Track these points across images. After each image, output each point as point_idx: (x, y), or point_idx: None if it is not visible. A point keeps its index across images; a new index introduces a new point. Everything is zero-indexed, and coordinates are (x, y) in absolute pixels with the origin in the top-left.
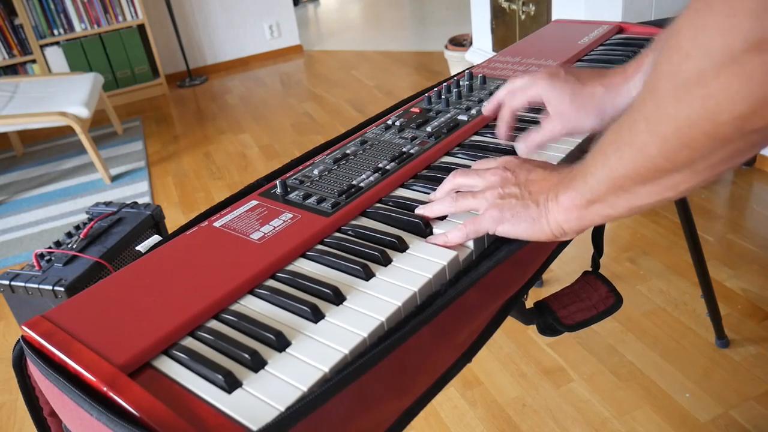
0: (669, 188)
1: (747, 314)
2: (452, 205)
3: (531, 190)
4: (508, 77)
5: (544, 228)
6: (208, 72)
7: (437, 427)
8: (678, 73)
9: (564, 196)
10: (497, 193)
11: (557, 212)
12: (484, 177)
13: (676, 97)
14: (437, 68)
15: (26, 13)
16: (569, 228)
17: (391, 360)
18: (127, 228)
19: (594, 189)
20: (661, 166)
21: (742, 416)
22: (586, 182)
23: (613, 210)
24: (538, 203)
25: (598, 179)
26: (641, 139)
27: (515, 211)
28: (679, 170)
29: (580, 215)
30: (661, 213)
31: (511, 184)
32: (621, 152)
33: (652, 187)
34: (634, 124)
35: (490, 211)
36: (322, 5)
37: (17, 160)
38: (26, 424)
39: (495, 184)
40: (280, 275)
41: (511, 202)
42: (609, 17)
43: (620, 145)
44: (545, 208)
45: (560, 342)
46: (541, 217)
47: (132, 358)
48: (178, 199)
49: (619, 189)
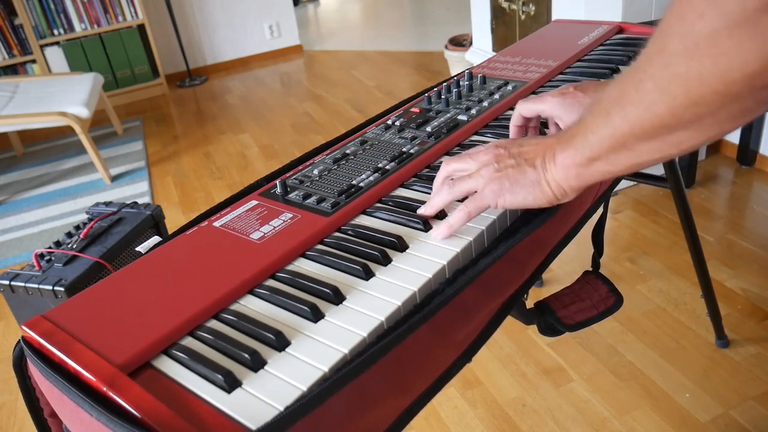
0: (673, 145)
1: (747, 314)
2: (450, 192)
3: (527, 157)
4: (508, 77)
5: (545, 189)
6: (208, 72)
7: (437, 427)
8: (690, 33)
9: (562, 155)
10: (493, 168)
11: (555, 171)
12: (477, 158)
13: (687, 56)
14: (437, 68)
15: (26, 13)
16: (569, 186)
17: (390, 359)
18: (127, 228)
19: (595, 146)
20: (668, 123)
21: (742, 416)
22: (586, 140)
23: (613, 167)
24: (535, 165)
25: (599, 137)
26: (649, 97)
27: (514, 179)
28: (685, 127)
29: (579, 173)
30: (661, 213)
31: (505, 157)
32: (626, 111)
33: (655, 143)
34: (640, 84)
35: (490, 186)
36: (322, 5)
37: (17, 160)
38: (26, 424)
39: (489, 161)
40: (279, 275)
41: (508, 172)
42: (609, 17)
43: (625, 104)
44: (543, 169)
45: (560, 342)
46: (540, 179)
47: (132, 358)
48: (178, 199)
49: (621, 146)
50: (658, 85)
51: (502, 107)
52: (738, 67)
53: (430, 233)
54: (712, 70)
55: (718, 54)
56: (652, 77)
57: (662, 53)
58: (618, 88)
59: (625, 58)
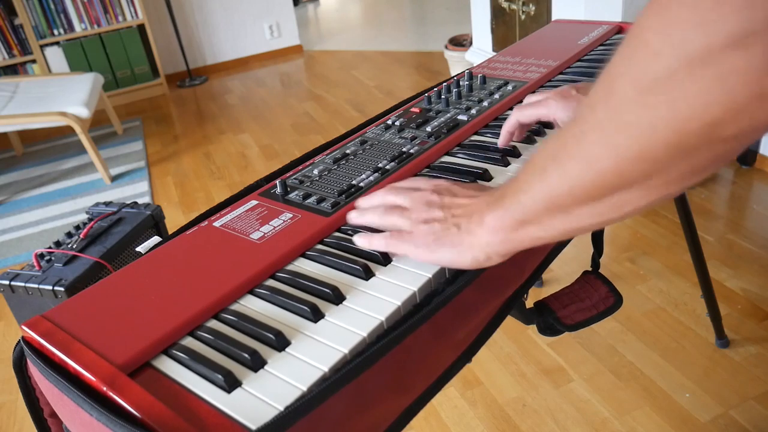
0: (614, 208)
1: (747, 314)
2: (381, 218)
3: (454, 213)
4: (508, 77)
5: (464, 254)
6: (208, 72)
7: (437, 427)
8: (643, 75)
9: (490, 216)
10: (422, 217)
11: (481, 235)
12: (411, 197)
13: (638, 102)
14: (437, 68)
15: (26, 13)
16: (492, 251)
17: (390, 359)
18: (127, 228)
19: (527, 208)
20: (611, 183)
21: (742, 416)
22: (518, 201)
23: (545, 233)
24: (459, 226)
25: (533, 197)
26: (591, 151)
27: (436, 236)
28: (629, 187)
29: (506, 237)
30: (661, 213)
31: (436, 207)
32: (564, 167)
33: (596, 207)
34: (582, 135)
35: (413, 235)
36: (322, 5)
37: (17, 160)
38: (26, 424)
39: (420, 206)
40: (279, 275)
41: (434, 227)
42: (609, 17)
43: (563, 160)
44: (467, 232)
45: (560, 342)
46: (461, 242)
47: (132, 358)
48: (178, 199)
49: (556, 209)
50: (602, 137)
51: (502, 107)
52: (698, 114)
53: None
54: (667, 118)
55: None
56: (595, 128)
57: (609, 99)
58: (556, 141)
59: None
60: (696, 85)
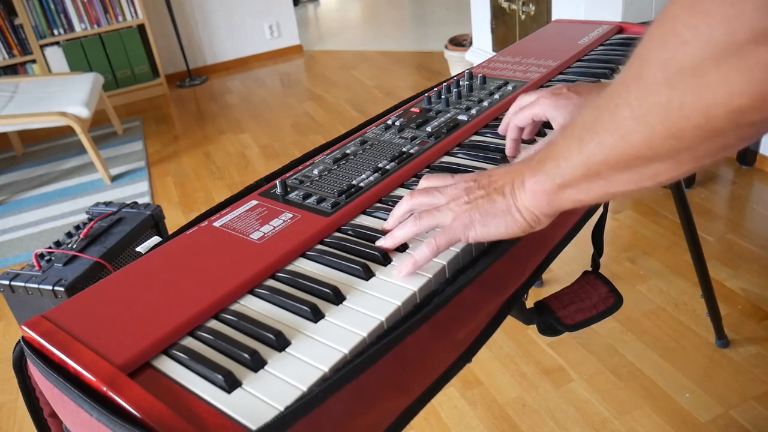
0: (648, 177)
1: (747, 314)
2: (416, 225)
3: (496, 186)
4: (508, 77)
5: (517, 217)
6: (208, 72)
7: (437, 427)
8: (672, 61)
9: (531, 180)
10: (463, 200)
11: (525, 198)
12: (445, 192)
13: (668, 86)
14: (437, 68)
15: (26, 13)
16: (541, 213)
17: (390, 359)
18: (127, 228)
19: (566, 174)
20: (644, 155)
21: (742, 416)
22: (558, 166)
23: (585, 196)
24: (504, 193)
25: (572, 164)
26: (625, 126)
27: (484, 210)
28: (662, 160)
29: (549, 200)
30: (661, 213)
31: (475, 189)
32: (600, 138)
33: (630, 175)
34: (615, 110)
35: (459, 219)
36: (322, 5)
37: (17, 160)
38: (26, 424)
39: (459, 194)
40: (279, 275)
41: (478, 203)
42: (609, 17)
43: (599, 131)
44: (512, 197)
45: (560, 342)
46: (510, 207)
47: (132, 358)
48: (178, 199)
49: (594, 175)
50: (634, 114)
51: (502, 107)
52: (723, 101)
53: (390, 269)
54: (694, 102)
55: (702, 86)
56: (628, 104)
57: (640, 80)
58: (592, 113)
59: (625, 58)
60: (721, 75)
